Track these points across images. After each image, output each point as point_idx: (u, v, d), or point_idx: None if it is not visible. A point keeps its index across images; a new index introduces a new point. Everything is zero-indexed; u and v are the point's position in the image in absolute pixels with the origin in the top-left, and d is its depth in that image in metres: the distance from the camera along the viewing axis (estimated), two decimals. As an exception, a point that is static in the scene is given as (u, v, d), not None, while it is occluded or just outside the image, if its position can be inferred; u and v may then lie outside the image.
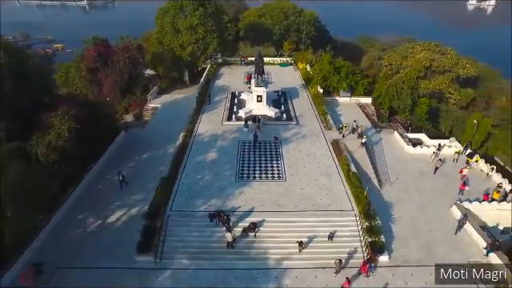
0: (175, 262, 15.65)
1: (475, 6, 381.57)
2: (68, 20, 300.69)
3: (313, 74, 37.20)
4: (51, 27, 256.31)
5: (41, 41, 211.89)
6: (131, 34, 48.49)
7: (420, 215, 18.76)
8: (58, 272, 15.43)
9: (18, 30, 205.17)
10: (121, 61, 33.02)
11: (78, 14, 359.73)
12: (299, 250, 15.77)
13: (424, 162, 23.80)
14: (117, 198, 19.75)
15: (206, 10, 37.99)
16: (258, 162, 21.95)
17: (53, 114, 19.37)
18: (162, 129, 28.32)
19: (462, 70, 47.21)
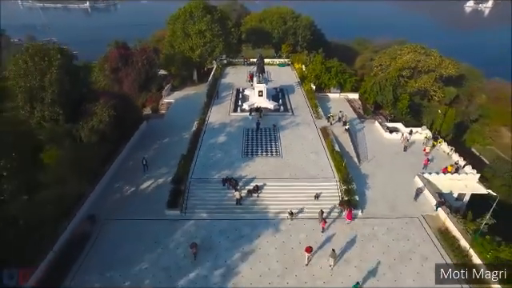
0: (196, 215, 20.43)
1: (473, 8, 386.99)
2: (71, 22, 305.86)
3: (307, 73, 42.13)
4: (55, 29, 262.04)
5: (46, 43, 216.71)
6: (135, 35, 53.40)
7: (389, 183, 23.55)
8: (105, 222, 20.21)
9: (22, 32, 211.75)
10: (139, 61, 37.91)
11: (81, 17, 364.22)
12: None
13: (398, 145, 28.64)
14: (149, 170, 24.54)
15: (213, 16, 42.93)
16: (260, 143, 26.84)
17: (96, 103, 24.21)
18: (176, 120, 33.19)
19: (445, 69, 52.05)
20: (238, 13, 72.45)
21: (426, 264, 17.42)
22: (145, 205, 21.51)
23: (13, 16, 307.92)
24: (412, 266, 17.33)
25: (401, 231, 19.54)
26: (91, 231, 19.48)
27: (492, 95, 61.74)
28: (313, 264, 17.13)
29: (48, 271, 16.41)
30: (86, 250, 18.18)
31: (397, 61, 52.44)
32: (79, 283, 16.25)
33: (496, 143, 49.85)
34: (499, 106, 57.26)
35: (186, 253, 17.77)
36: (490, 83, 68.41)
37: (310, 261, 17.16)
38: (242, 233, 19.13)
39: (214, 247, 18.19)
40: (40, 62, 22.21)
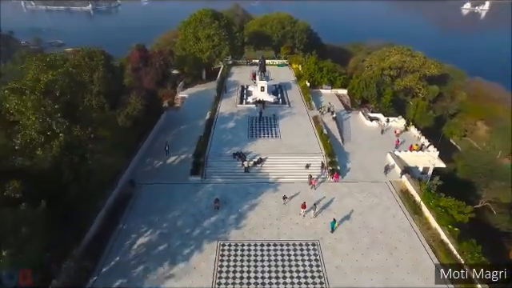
0: (213, 180, 26.41)
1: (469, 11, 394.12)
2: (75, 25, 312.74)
3: (302, 72, 48.24)
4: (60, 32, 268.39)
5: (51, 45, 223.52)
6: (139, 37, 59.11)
7: (366, 158, 29.55)
8: (141, 186, 26.14)
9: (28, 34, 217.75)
10: (157, 62, 43.99)
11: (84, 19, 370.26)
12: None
13: (376, 130, 34.72)
14: (172, 150, 30.46)
15: (220, 22, 49.10)
16: (262, 128, 32.95)
17: (130, 95, 30.25)
18: (190, 111, 39.25)
19: (428, 69, 58.41)
20: (240, 17, 78.90)
21: (388, 212, 23.42)
22: (171, 173, 27.51)
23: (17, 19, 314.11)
24: (377, 213, 23.28)
25: (371, 191, 25.52)
26: (132, 192, 25.45)
27: (472, 93, 68.33)
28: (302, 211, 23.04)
29: (107, 217, 22.37)
30: (130, 204, 24.15)
31: (385, 61, 58.74)
32: (129, 225, 22.18)
33: (473, 135, 56.01)
34: (477, 103, 63.78)
35: (208, 205, 23.73)
36: (473, 82, 75.05)
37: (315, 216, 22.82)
38: (249, 191, 25.09)
39: (228, 201, 24.12)
40: (89, 62, 28.25)
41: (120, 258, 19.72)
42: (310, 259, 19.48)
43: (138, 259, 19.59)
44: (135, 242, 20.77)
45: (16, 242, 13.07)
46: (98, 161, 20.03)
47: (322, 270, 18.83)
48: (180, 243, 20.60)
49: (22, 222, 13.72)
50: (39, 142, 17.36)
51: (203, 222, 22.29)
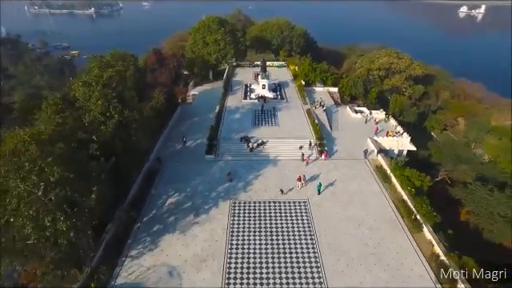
0: (224, 158, 32.79)
1: (466, 14, 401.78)
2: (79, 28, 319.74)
3: (298, 72, 54.83)
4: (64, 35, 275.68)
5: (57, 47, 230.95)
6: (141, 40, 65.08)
7: (350, 143, 35.97)
8: (166, 163, 32.47)
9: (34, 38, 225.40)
10: (171, 64, 50.58)
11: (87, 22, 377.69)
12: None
13: (360, 121, 41.20)
14: (188, 137, 36.78)
15: (225, 29, 55.76)
16: (264, 118, 39.52)
17: (155, 90, 36.74)
18: (201, 106, 45.69)
19: (413, 70, 65.16)
20: (242, 23, 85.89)
21: (364, 181, 29.80)
22: (190, 154, 33.90)
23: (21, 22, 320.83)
24: (355, 181, 29.65)
25: (352, 166, 31.91)
26: (159, 167, 31.80)
27: (456, 92, 75.35)
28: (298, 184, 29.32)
29: (143, 183, 28.71)
30: (159, 175, 30.49)
31: (375, 63, 65.52)
32: (160, 190, 28.48)
33: (453, 129, 62.53)
34: (459, 101, 70.74)
35: (221, 176, 30.07)
36: (458, 82, 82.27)
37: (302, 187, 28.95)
38: (254, 167, 31.45)
39: (237, 173, 30.42)
40: (123, 63, 34.76)
41: (156, 211, 26.05)
42: (301, 211, 25.81)
43: (169, 212, 25.92)
44: (166, 201, 27.11)
45: (99, 183, 19.34)
46: (138, 138, 26.47)
47: (310, 218, 25.16)
48: (201, 201, 26.94)
49: (102, 171, 20.09)
50: (101, 120, 23.79)
51: (218, 188, 28.63)
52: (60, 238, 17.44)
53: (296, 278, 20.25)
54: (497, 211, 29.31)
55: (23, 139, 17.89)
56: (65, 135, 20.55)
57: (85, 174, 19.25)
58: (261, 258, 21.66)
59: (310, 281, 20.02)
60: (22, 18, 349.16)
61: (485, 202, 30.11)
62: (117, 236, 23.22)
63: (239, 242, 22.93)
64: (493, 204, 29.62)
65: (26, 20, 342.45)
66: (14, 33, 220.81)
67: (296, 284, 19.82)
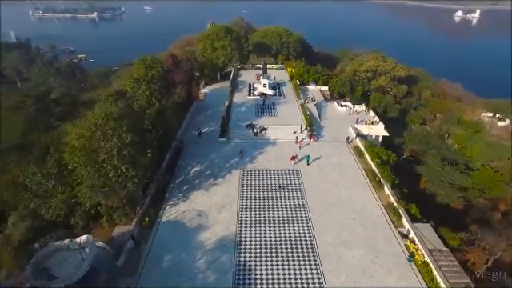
0: (234, 140, 41.67)
1: (461, 18, 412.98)
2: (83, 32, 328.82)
3: (294, 73, 63.93)
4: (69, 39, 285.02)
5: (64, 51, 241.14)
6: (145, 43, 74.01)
7: (335, 130, 44.88)
8: (188, 144, 41.27)
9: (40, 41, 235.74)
10: (185, 66, 59.45)
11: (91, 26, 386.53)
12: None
13: (345, 113, 50.17)
14: (203, 125, 45.62)
15: (231, 36, 64.86)
16: (265, 110, 48.47)
17: (177, 87, 45.68)
18: (212, 101, 54.61)
19: (397, 72, 74.37)
20: (244, 29, 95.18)
21: (343, 156, 38.64)
22: (206, 137, 42.69)
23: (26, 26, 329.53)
24: (336, 157, 38.46)
25: (335, 146, 40.76)
26: (182, 147, 40.58)
27: (437, 92, 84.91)
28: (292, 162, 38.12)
29: (172, 156, 37.51)
30: (183, 152, 39.27)
31: (363, 66, 74.78)
32: (185, 162, 37.25)
33: (432, 124, 71.55)
34: (439, 99, 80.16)
35: (232, 153, 38.83)
36: (439, 83, 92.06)
37: (295, 164, 37.71)
38: (258, 146, 40.26)
39: (245, 151, 39.05)
40: (152, 64, 43.71)
41: (184, 176, 34.82)
42: (294, 176, 34.61)
43: (194, 177, 34.70)
44: (191, 170, 35.91)
45: (151, 148, 28.09)
46: (170, 120, 35.38)
47: (301, 181, 33.95)
48: (218, 170, 35.73)
49: (153, 140, 28.95)
50: (146, 107, 32.67)
51: (230, 161, 37.43)
52: (129, 182, 26.22)
53: (289, 215, 29.05)
54: (446, 180, 38.21)
55: (102, 116, 26.66)
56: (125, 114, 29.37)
57: (142, 141, 28.07)
58: (263, 205, 30.43)
59: (298, 217, 28.80)
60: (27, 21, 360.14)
61: (437, 173, 39.06)
62: (157, 191, 31.99)
63: (248, 196, 31.70)
64: (443, 174, 38.57)
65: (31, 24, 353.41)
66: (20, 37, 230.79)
67: (289, 218, 28.59)
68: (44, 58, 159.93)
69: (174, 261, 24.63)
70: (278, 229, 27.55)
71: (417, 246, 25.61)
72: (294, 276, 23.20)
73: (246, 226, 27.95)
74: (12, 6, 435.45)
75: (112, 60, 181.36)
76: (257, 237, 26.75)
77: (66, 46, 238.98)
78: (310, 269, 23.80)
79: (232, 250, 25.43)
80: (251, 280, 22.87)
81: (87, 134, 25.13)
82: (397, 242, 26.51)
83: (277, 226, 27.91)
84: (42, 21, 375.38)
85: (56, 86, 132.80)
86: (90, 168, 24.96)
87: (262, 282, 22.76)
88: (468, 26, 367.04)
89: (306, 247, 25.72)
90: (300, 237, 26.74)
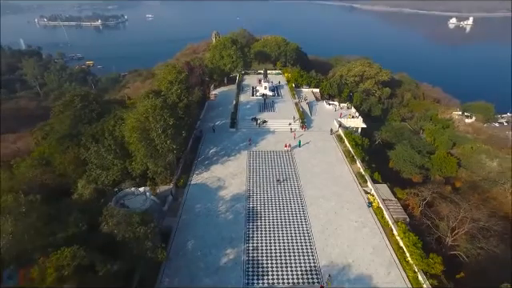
0: (242, 130, 53.10)
1: (455, 25, 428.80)
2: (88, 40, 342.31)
3: (290, 78, 75.73)
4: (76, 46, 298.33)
5: (72, 58, 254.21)
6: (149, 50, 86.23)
7: (322, 122, 56.39)
8: (205, 133, 52.63)
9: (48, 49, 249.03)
10: (197, 71, 71.17)
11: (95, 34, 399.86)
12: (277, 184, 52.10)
13: (332, 110, 61.74)
14: (216, 120, 57.03)
15: (236, 46, 76.80)
16: (266, 107, 60.04)
17: (195, 88, 57.25)
18: (221, 101, 66.17)
19: (381, 76, 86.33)
20: (246, 39, 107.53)
21: (327, 141, 50.05)
22: (219, 128, 54.06)
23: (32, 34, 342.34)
24: (321, 142, 49.85)
25: (321, 134, 52.15)
26: (201, 135, 51.89)
27: (418, 94, 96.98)
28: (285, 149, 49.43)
29: (193, 142, 48.83)
30: (202, 139, 50.58)
31: (351, 71, 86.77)
32: (204, 146, 48.55)
33: (410, 121, 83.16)
34: (419, 100, 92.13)
35: (241, 140, 50.16)
36: (422, 86, 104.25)
37: (288, 151, 48.97)
38: (260, 135, 51.61)
39: (252, 139, 50.44)
40: (181, 71, 55.30)
41: (204, 156, 46.08)
42: (288, 156, 45.90)
43: (212, 156, 45.96)
44: (209, 151, 47.18)
45: (184, 130, 39.36)
46: (194, 112, 46.77)
47: (293, 158, 45.22)
48: (230, 151, 47.01)
49: (186, 124, 40.29)
50: (177, 102, 44.10)
51: (240, 145, 48.70)
52: (170, 153, 37.49)
53: (285, 181, 40.27)
54: (408, 159, 49.57)
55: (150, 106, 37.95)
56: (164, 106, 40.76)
57: (177, 125, 39.41)
58: (265, 174, 41.66)
59: (291, 181, 40.04)
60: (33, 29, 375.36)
61: (401, 154, 50.41)
62: (186, 165, 43.19)
63: (253, 168, 42.91)
64: (406, 155, 49.92)
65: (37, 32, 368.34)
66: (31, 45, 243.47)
67: (284, 182, 39.81)
68: (57, 65, 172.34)
69: (203, 207, 35.75)
70: (275, 188, 38.72)
71: (375, 197, 36.77)
72: (287, 217, 34.26)
73: (252, 186, 39.15)
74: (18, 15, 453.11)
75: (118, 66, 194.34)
76: (260, 193, 37.94)
77: (73, 53, 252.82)
78: (299, 212, 34.90)
79: (243, 201, 36.57)
80: (257, 218, 33.94)
81: (142, 118, 36.52)
82: (361, 195, 37.74)
83: (274, 187, 39.09)
84: (48, 28, 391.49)
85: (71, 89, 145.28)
86: (144, 142, 36.25)
87: (265, 219, 33.86)
88: (461, 32, 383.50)
89: (296, 199, 36.91)
90: (292, 193, 37.95)
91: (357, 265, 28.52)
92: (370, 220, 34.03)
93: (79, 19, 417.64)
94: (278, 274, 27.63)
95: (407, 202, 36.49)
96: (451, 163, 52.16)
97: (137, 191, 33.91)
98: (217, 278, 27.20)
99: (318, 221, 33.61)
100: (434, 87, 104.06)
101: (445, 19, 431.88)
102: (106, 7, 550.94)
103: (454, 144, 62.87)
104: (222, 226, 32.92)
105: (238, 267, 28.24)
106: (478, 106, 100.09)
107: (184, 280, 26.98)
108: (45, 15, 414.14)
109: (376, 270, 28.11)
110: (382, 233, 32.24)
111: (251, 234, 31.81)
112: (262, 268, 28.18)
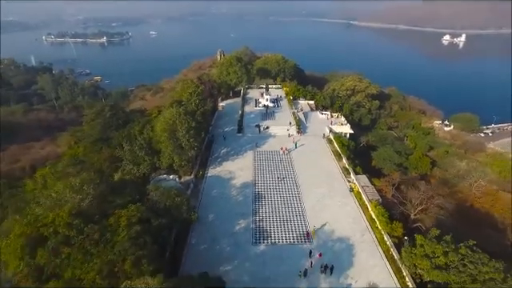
0: (247, 135, 63.43)
1: (449, 42, 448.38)
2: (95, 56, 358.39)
3: (289, 91, 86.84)
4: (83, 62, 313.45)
5: (80, 74, 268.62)
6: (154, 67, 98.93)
7: (316, 128, 66.80)
8: (216, 138, 62.95)
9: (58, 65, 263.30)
10: (208, 86, 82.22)
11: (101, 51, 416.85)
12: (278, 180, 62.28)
13: (324, 118, 72.30)
14: (225, 126, 67.45)
15: (241, 63, 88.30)
16: (267, 116, 70.62)
17: (207, 99, 68.03)
18: (229, 111, 76.84)
19: (370, 90, 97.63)
20: (249, 57, 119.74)
21: (319, 143, 60.33)
22: (228, 133, 64.33)
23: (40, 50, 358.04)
24: (314, 144, 60.07)
25: (315, 138, 62.40)
26: (213, 139, 62.08)
27: (405, 105, 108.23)
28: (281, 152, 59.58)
29: (208, 142, 59.03)
30: (214, 141, 60.77)
31: (344, 85, 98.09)
32: (216, 146, 58.64)
33: (396, 129, 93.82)
34: (405, 111, 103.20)
35: (247, 142, 60.36)
36: (408, 98, 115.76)
37: (284, 153, 58.92)
38: (263, 138, 61.82)
39: (256, 141, 60.66)
40: (199, 85, 66.10)
41: (217, 154, 56.14)
42: (287, 155, 55.95)
43: (224, 155, 55.99)
44: (221, 152, 57.25)
45: (203, 132, 49.53)
46: (208, 119, 57.21)
47: (291, 157, 55.27)
48: (238, 151, 57.07)
49: (203, 128, 50.60)
50: (195, 110, 54.61)
51: (246, 147, 58.83)
52: (192, 149, 47.62)
53: (283, 172, 50.18)
54: (388, 158, 59.65)
55: (176, 112, 48.28)
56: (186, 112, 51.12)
57: (197, 128, 49.69)
58: (268, 168, 51.61)
59: (289, 173, 49.96)
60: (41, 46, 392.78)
61: (382, 155, 60.53)
62: (202, 161, 53.17)
63: (258, 163, 52.88)
64: (385, 155, 60.03)
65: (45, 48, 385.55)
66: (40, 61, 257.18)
67: (283, 174, 49.69)
68: (68, 80, 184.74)
69: (219, 192, 45.51)
70: (276, 179, 48.56)
71: (355, 184, 46.58)
72: (285, 198, 44.00)
73: (258, 177, 49.06)
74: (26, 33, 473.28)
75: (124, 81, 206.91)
76: (264, 182, 47.79)
77: (81, 68, 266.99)
78: (294, 195, 44.70)
79: (250, 187, 46.37)
80: (261, 199, 43.63)
81: (170, 121, 46.92)
82: (345, 184, 47.60)
83: (275, 178, 48.94)
84: (55, 45, 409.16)
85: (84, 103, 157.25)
86: (171, 140, 46.44)
87: (268, 200, 43.59)
88: (454, 49, 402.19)
89: (293, 186, 46.77)
90: (290, 182, 47.82)
91: (339, 230, 38.12)
92: (351, 201, 43.80)
93: (85, 36, 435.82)
94: (277, 237, 37.22)
95: (381, 187, 46.27)
96: (425, 162, 62.19)
97: (168, 178, 43.87)
98: (232, 239, 36.69)
99: (310, 201, 43.35)
100: (420, 99, 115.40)
101: (439, 36, 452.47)
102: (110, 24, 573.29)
103: (431, 148, 73.08)
104: (234, 205, 42.64)
105: (248, 232, 37.81)
106: (464, 118, 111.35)
107: (207, 240, 36.46)
108: (52, 32, 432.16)
109: (354, 234, 37.70)
110: (360, 209, 41.97)
111: (257, 210, 41.49)
112: (266, 232, 37.76)
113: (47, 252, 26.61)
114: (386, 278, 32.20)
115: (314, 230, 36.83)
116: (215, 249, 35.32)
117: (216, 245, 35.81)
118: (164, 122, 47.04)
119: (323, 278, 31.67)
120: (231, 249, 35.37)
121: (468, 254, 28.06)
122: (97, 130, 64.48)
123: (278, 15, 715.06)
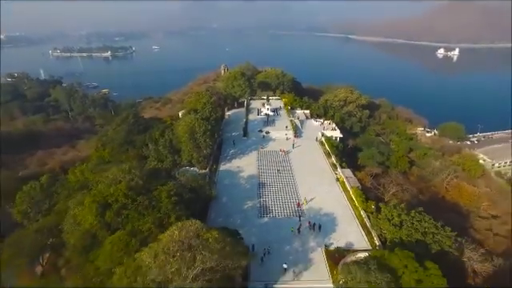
0: (251, 138, 75.31)
1: (443, 55, 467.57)
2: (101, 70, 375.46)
3: (287, 102, 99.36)
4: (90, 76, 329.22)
5: (89, 87, 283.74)
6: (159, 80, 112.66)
7: (310, 133, 78.75)
8: (224, 140, 74.81)
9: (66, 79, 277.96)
10: (216, 97, 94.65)
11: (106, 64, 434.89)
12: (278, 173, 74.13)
13: (318, 125, 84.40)
14: (231, 132, 79.43)
15: (244, 77, 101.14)
16: (268, 123, 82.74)
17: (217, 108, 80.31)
18: (234, 119, 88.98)
19: (360, 101, 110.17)
20: (251, 71, 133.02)
21: (312, 145, 72.15)
22: (236, 137, 76.18)
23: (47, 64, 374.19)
24: (308, 146, 71.86)
25: (309, 141, 74.22)
26: (221, 142, 73.89)
27: (393, 115, 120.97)
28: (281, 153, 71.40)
29: (219, 143, 70.85)
30: (223, 142, 72.59)
31: (337, 96, 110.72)
32: (225, 146, 70.40)
33: (384, 136, 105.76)
34: (393, 120, 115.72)
35: (252, 143, 72.18)
36: (397, 108, 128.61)
37: (283, 155, 70.68)
38: (265, 141, 73.72)
39: (259, 144, 72.44)
40: (211, 96, 78.43)
41: (226, 154, 67.79)
42: (286, 155, 67.70)
43: (232, 154, 67.68)
44: (230, 151, 68.92)
45: (216, 133, 61.31)
46: (220, 125, 69.24)
47: (289, 157, 66.99)
48: (244, 150, 68.79)
49: (217, 130, 62.51)
50: (208, 117, 66.65)
51: (251, 147, 70.56)
52: (208, 147, 59.40)
53: (283, 168, 61.81)
54: (371, 157, 71.36)
55: (194, 118, 60.21)
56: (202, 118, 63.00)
57: (212, 130, 61.58)
58: (270, 164, 63.25)
59: (287, 169, 61.57)
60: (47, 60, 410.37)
61: (367, 155, 72.26)
62: (215, 158, 64.77)
63: (262, 160, 64.53)
64: (369, 155, 71.78)
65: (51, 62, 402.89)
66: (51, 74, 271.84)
67: (283, 169, 61.31)
68: (79, 92, 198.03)
69: (230, 182, 57.02)
70: (277, 173, 60.12)
71: (341, 175, 58.08)
72: (284, 186, 55.47)
73: (262, 170, 60.66)
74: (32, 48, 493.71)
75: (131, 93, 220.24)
76: (267, 175, 59.34)
77: (89, 81, 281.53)
78: (291, 184, 56.17)
79: (256, 178, 57.88)
80: (265, 186, 55.06)
81: (190, 125, 58.94)
82: (333, 175, 59.15)
83: (276, 171, 60.52)
84: (60, 59, 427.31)
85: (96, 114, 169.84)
86: (191, 140, 58.29)
87: (270, 187, 55.05)
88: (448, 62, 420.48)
89: (290, 178, 58.28)
90: (287, 174, 59.37)
91: (325, 208, 49.43)
92: (337, 187, 55.29)
93: (90, 50, 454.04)
94: (277, 212, 48.55)
95: (362, 177, 57.80)
96: (404, 161, 73.88)
97: (189, 169, 55.46)
98: (243, 214, 48.01)
99: (303, 188, 54.85)
100: (408, 109, 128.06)
101: (433, 49, 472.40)
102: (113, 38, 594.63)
103: (411, 150, 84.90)
104: (243, 191, 54.10)
105: (254, 209, 49.15)
106: (450, 127, 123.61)
107: (222, 215, 47.70)
108: (58, 47, 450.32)
109: (337, 210, 48.98)
110: (343, 194, 53.40)
111: (262, 194, 52.94)
112: (268, 209, 49.11)
113: (112, 213, 37.99)
114: (360, 240, 43.33)
115: (305, 199, 48.34)
116: (229, 221, 46.38)
117: (230, 218, 46.99)
118: (185, 125, 59.02)
119: (313, 237, 42.81)
120: (242, 221, 46.59)
121: (416, 216, 39.40)
122: (121, 135, 76.32)
123: (277, 29, 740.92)
